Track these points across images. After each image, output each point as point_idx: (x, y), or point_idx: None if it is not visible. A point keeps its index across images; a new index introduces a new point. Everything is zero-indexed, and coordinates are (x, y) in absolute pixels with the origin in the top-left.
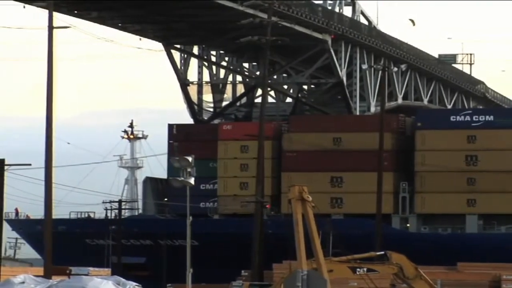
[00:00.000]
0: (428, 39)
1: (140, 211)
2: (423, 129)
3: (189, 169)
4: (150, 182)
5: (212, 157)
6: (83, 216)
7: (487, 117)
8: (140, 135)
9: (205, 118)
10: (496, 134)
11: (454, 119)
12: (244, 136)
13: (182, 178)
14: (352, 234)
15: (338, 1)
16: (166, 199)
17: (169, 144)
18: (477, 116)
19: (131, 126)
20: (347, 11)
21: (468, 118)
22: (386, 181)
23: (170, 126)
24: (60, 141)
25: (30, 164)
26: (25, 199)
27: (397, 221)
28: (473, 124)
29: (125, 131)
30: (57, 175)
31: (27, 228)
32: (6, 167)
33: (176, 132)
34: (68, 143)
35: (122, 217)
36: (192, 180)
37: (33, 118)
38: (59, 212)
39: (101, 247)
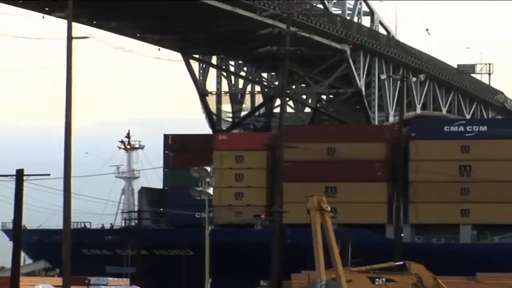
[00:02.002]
0: (447, 49)
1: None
2: (417, 139)
3: (207, 179)
4: (146, 192)
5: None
6: (79, 226)
7: (480, 127)
8: (137, 145)
9: (224, 128)
10: (489, 144)
11: (448, 129)
12: (240, 146)
13: (201, 188)
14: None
15: (357, 9)
16: (161, 209)
17: (164, 154)
18: (470, 127)
19: (128, 136)
20: (366, 21)
21: (462, 128)
22: (380, 191)
23: (166, 137)
24: (78, 151)
25: (49, 174)
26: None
27: (391, 231)
28: (467, 134)
29: (122, 142)
30: (59, 185)
31: (24, 238)
32: (25, 177)
33: (171, 143)
34: (87, 153)
35: (117, 227)
36: (211, 190)
37: (50, 128)
38: (55, 222)
39: (96, 257)
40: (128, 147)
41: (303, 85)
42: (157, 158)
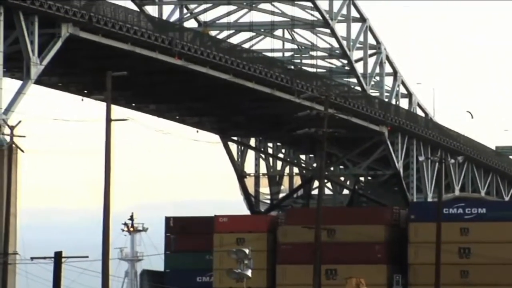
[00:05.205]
0: (485, 130)
1: None
2: (416, 221)
3: (246, 261)
4: (147, 275)
5: (208, 249)
6: None
7: (479, 209)
8: (140, 228)
9: (262, 210)
10: (488, 226)
11: (447, 212)
12: (241, 229)
13: (239, 270)
14: None
15: (395, 91)
16: None
17: (166, 236)
18: (469, 209)
19: (131, 218)
20: (404, 103)
21: (460, 210)
22: (379, 273)
23: (167, 219)
24: (116, 233)
25: (87, 256)
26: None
27: None
28: (465, 217)
29: (125, 224)
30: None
31: None
32: (63, 259)
33: (172, 225)
34: (125, 235)
35: None
36: (249, 272)
37: (89, 210)
38: None
39: None
40: (131, 229)
41: (341, 166)
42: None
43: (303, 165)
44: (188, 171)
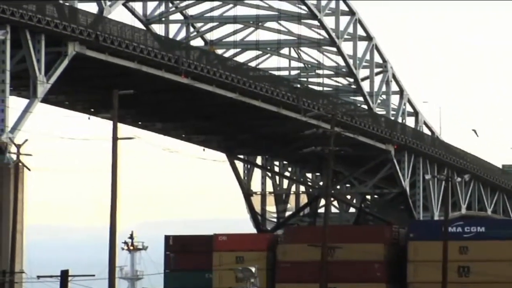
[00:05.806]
0: (491, 149)
1: None
2: (416, 240)
3: (252, 280)
4: None
5: (208, 268)
6: None
7: (478, 228)
8: (140, 246)
9: (269, 228)
10: (488, 245)
11: None
12: (240, 247)
13: None
14: None
15: (401, 110)
16: None
17: (165, 255)
18: (468, 227)
19: (131, 237)
20: (410, 121)
21: (460, 229)
22: None
23: (167, 238)
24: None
25: (93, 275)
26: None
27: None
28: (465, 235)
29: (125, 243)
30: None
31: None
32: (70, 278)
33: (172, 243)
34: (129, 253)
35: None
36: None
37: (95, 228)
38: None
39: None
40: (131, 248)
41: (347, 185)
42: None
43: (309, 183)
44: (194, 189)
